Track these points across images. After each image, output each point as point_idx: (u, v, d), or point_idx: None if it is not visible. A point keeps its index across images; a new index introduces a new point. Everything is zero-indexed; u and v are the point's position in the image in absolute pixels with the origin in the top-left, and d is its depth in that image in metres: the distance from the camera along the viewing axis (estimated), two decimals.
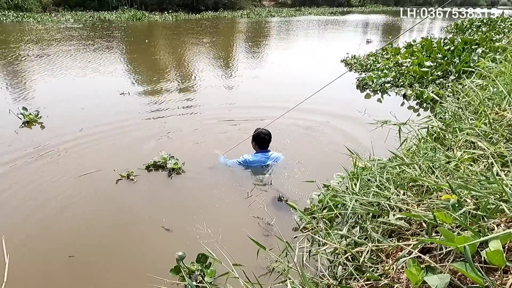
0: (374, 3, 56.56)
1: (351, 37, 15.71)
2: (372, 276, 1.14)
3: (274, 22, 24.56)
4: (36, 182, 2.96)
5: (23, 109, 4.41)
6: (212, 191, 2.86)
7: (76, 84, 6.60)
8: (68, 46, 11.03)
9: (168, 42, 13.80)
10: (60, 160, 3.38)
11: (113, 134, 4.00)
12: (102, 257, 2.13)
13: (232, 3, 35.62)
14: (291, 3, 46.03)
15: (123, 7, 30.11)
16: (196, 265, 1.83)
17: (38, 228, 2.39)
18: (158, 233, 2.32)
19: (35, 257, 2.12)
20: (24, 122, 4.29)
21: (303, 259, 1.55)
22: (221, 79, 7.14)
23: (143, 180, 3.01)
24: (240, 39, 15.02)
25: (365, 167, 2.01)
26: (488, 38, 7.60)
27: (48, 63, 8.29)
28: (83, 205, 2.67)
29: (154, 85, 6.45)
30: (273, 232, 2.23)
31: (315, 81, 5.83)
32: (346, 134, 3.98)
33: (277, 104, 4.79)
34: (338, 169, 2.47)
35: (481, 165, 1.50)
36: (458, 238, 0.90)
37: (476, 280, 0.85)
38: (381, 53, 8.65)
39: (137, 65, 8.75)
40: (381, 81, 6.04)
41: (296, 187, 2.79)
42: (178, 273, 1.77)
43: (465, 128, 1.90)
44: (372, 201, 1.57)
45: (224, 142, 3.64)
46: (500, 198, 1.13)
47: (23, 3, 25.95)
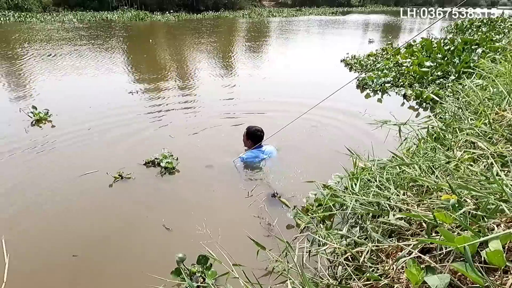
0: (374, 3, 56.59)
1: (360, 36, 16.00)
2: (372, 276, 1.14)
3: (276, 22, 24.72)
4: (37, 181, 2.96)
5: (32, 107, 4.47)
6: (212, 191, 2.86)
7: (85, 83, 6.68)
8: (77, 46, 11.19)
9: (173, 41, 13.92)
10: (62, 158, 3.40)
11: (120, 133, 4.04)
12: (102, 257, 2.12)
13: (232, 3, 35.73)
14: (291, 3, 46.07)
15: (123, 7, 30.12)
16: (197, 266, 1.83)
17: (38, 228, 2.39)
18: (157, 233, 2.32)
19: (35, 257, 2.12)
20: (34, 120, 4.34)
21: (303, 259, 1.56)
22: (230, 78, 7.25)
23: (146, 178, 3.02)
24: (246, 39, 15.15)
25: (365, 167, 2.02)
26: (488, 38, 7.60)
27: (58, 62, 8.39)
28: (84, 204, 2.67)
29: (162, 84, 6.50)
30: (273, 232, 2.23)
31: (325, 81, 6.03)
32: (346, 134, 3.98)
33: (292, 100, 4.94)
34: (337, 169, 2.47)
35: (481, 165, 1.50)
36: (458, 238, 0.90)
37: (476, 280, 0.85)
38: (381, 54, 8.66)
39: (144, 64, 8.83)
40: (381, 81, 6.04)
41: (293, 186, 2.79)
42: (179, 275, 1.77)
43: (465, 128, 1.90)
44: (372, 201, 1.57)
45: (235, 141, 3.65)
46: (500, 198, 1.13)
47: (23, 3, 25.94)
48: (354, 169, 2.12)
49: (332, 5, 47.27)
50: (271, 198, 2.68)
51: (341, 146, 2.68)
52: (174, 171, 3.14)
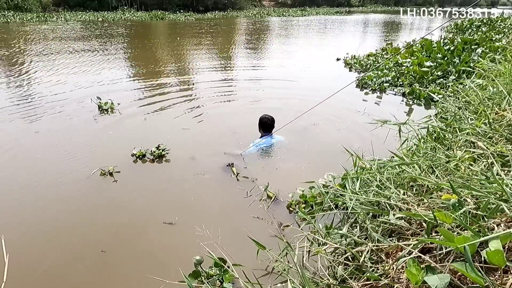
0: (374, 3, 56.65)
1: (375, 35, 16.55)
2: (372, 276, 1.14)
3: (284, 21, 25.40)
4: (36, 181, 2.96)
5: (97, 98, 4.76)
6: (212, 190, 2.86)
7: (138, 76, 7.23)
8: (117, 43, 12.21)
9: (199, 39, 14.42)
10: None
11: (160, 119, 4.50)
12: (103, 257, 2.12)
13: (232, 3, 35.96)
14: (291, 3, 46.12)
15: (122, 7, 30.16)
16: (215, 269, 1.82)
17: (38, 228, 2.38)
18: (157, 233, 2.32)
19: (35, 257, 2.12)
20: (102, 109, 4.66)
21: (303, 259, 1.55)
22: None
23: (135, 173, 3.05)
24: (270, 36, 16.32)
25: (365, 167, 2.01)
26: (488, 38, 7.60)
27: (107, 56, 9.21)
28: (85, 203, 2.67)
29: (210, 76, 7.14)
30: (273, 232, 2.23)
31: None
32: (346, 134, 3.97)
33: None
34: (336, 169, 2.46)
35: (481, 165, 1.50)
36: (458, 238, 0.90)
37: (476, 280, 0.85)
38: (381, 54, 8.65)
39: (186, 58, 9.51)
40: (380, 81, 6.04)
41: (288, 185, 2.78)
42: (196, 277, 1.77)
43: (465, 128, 1.90)
44: (372, 200, 1.57)
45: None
46: (500, 197, 1.12)
47: (23, 3, 25.94)
48: (354, 168, 2.12)
49: (332, 5, 47.47)
50: (226, 168, 3.05)
51: (341, 145, 2.68)
52: (166, 161, 3.27)
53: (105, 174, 2.99)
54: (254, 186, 2.83)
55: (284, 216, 2.44)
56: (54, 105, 4.94)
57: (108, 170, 3.00)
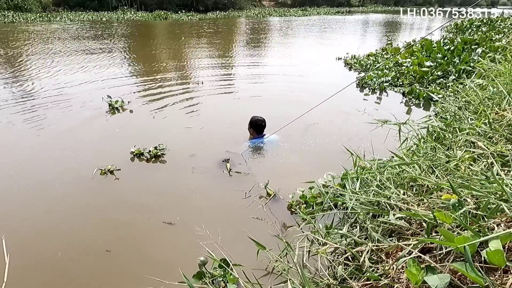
0: (374, 3, 56.67)
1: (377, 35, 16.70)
2: (372, 276, 1.14)
3: (287, 21, 25.55)
4: (37, 180, 2.96)
5: (107, 97, 4.78)
6: (212, 190, 2.85)
7: (146, 75, 7.25)
8: (123, 43, 12.48)
9: (203, 39, 14.58)
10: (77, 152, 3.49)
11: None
12: (103, 257, 2.12)
13: (232, 3, 36.07)
14: (291, 3, 46.15)
15: (122, 7, 30.16)
16: (219, 270, 1.82)
17: (39, 228, 2.38)
18: (157, 233, 2.32)
19: (35, 257, 2.12)
20: (112, 108, 4.70)
21: (303, 259, 1.56)
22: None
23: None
24: (277, 34, 16.83)
25: (365, 167, 2.01)
26: (488, 38, 7.59)
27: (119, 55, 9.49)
28: (86, 202, 2.67)
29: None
30: (273, 232, 2.23)
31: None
32: (346, 134, 3.97)
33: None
34: (336, 169, 2.46)
35: (481, 165, 1.50)
36: (458, 238, 0.90)
37: (476, 280, 0.85)
38: (381, 53, 8.65)
39: (193, 58, 9.59)
40: (380, 81, 6.04)
41: (288, 185, 2.78)
42: (200, 278, 1.77)
43: (465, 128, 1.90)
44: (372, 200, 1.57)
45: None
46: (500, 197, 1.12)
47: (23, 3, 25.93)
48: (354, 168, 2.12)
49: (332, 5, 47.57)
50: (221, 163, 3.11)
51: (340, 145, 2.68)
52: (161, 162, 3.28)
53: (105, 173, 3.00)
54: (254, 185, 2.83)
55: (285, 216, 2.44)
56: (79, 100, 5.20)
57: (108, 169, 3.01)
